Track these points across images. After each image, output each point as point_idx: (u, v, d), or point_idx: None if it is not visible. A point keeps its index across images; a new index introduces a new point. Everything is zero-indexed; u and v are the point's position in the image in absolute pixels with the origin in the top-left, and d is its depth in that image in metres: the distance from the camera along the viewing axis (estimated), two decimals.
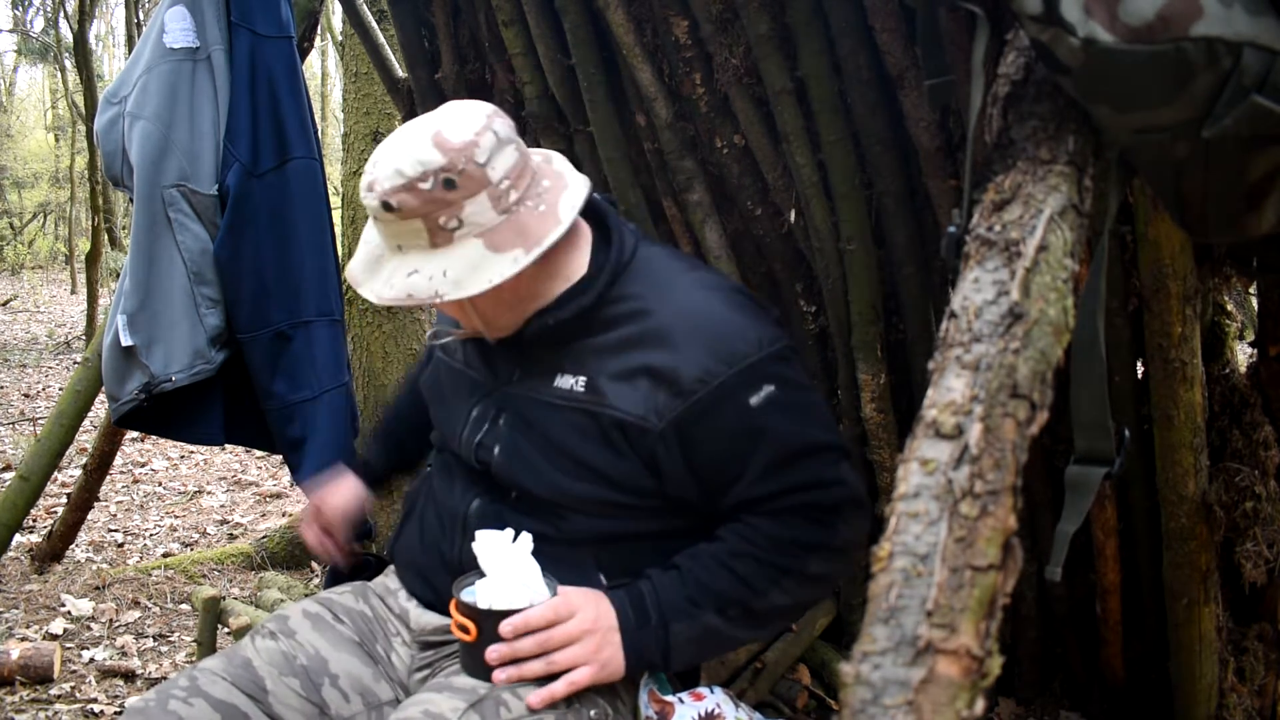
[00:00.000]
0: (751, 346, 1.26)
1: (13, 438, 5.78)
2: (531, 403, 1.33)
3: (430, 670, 1.38)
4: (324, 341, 2.30)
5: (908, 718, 0.56)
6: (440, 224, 1.21)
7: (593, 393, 1.28)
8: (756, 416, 1.24)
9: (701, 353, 1.24)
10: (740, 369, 1.24)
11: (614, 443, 1.27)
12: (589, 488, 1.29)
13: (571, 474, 1.29)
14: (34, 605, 3.05)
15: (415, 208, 1.20)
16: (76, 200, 14.47)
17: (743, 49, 1.86)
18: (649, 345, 1.27)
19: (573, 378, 1.30)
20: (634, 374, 1.26)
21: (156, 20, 2.22)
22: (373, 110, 3.98)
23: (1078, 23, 0.84)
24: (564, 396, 1.30)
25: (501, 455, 1.33)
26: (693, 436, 1.25)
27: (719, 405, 1.24)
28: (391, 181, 1.19)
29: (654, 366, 1.25)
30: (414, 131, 1.22)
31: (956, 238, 0.91)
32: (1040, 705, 2.04)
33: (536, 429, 1.31)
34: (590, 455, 1.28)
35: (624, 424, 1.26)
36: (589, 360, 1.30)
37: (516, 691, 1.23)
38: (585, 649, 1.23)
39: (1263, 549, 1.63)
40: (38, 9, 12.20)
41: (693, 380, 1.23)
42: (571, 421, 1.29)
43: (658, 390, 1.24)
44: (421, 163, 1.19)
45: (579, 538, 1.32)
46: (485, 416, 1.37)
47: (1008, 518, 0.65)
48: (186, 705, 1.24)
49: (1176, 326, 1.52)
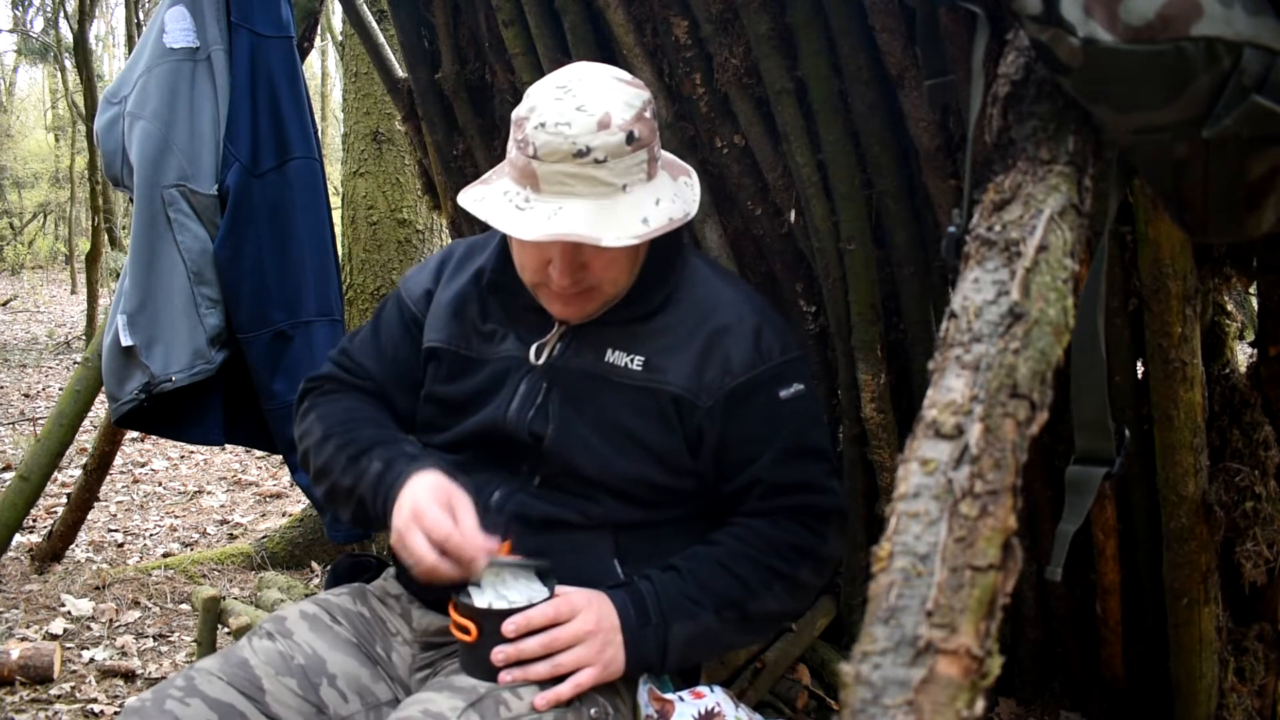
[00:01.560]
0: (790, 347, 1.40)
1: (13, 438, 5.78)
2: (582, 377, 1.37)
3: (432, 670, 1.38)
4: (324, 341, 2.30)
5: (908, 718, 0.56)
6: (655, 154, 1.31)
7: (650, 371, 1.35)
8: (783, 408, 1.36)
9: (750, 342, 1.36)
10: (779, 363, 1.37)
11: (668, 419, 1.34)
12: (638, 466, 1.34)
13: (624, 451, 1.34)
14: (34, 605, 3.05)
15: (646, 136, 1.27)
16: (76, 200, 14.47)
17: (743, 49, 1.86)
18: (702, 330, 1.36)
19: (626, 355, 1.36)
20: (693, 355, 1.35)
21: (156, 20, 2.22)
22: (373, 110, 3.98)
23: (1078, 23, 0.84)
24: (619, 373, 1.35)
25: (556, 431, 1.35)
26: (731, 415, 1.34)
27: (758, 390, 1.35)
28: (623, 115, 1.24)
29: (711, 350, 1.35)
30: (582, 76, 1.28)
31: (956, 238, 0.91)
32: (1040, 705, 2.04)
33: (591, 405, 1.36)
34: (644, 432, 1.34)
35: (679, 399, 1.33)
36: (643, 341, 1.36)
37: (516, 691, 1.23)
38: (589, 650, 1.24)
39: (1263, 549, 1.63)
40: (38, 9, 12.20)
41: (742, 364, 1.35)
42: (628, 399, 1.35)
43: (709, 369, 1.34)
44: (632, 97, 1.27)
45: (601, 523, 1.35)
46: (535, 392, 1.37)
47: (1008, 518, 0.65)
48: (183, 705, 1.23)
49: (1176, 326, 1.52)
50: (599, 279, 1.32)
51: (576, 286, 1.32)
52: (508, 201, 1.28)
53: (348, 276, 3.95)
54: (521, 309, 1.42)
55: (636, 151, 1.26)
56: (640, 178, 1.28)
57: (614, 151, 1.24)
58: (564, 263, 1.29)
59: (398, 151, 3.97)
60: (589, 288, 1.33)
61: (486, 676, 1.23)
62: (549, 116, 1.23)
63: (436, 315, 1.48)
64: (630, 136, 1.25)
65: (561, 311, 1.37)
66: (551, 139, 1.22)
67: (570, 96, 1.24)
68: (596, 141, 1.23)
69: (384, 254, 3.97)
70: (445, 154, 2.43)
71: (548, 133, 1.23)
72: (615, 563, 1.35)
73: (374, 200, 3.97)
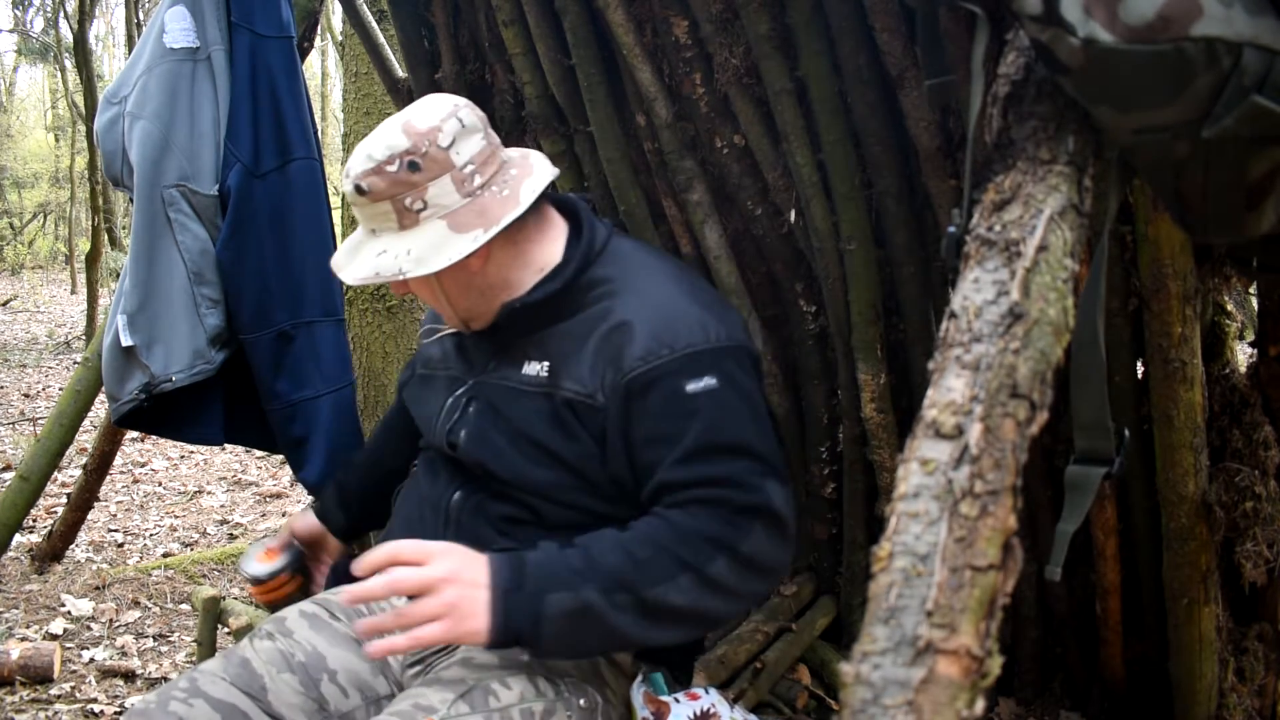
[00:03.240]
0: (698, 336, 1.28)
1: (13, 438, 5.78)
2: (500, 389, 1.39)
3: (423, 665, 1.39)
4: (327, 341, 2.30)
5: (908, 718, 0.56)
6: (406, 205, 1.30)
7: (553, 376, 1.33)
8: (689, 402, 1.25)
9: (648, 335, 1.28)
10: (681, 355, 1.27)
11: (566, 423, 1.31)
12: (547, 473, 1.32)
13: (531, 458, 1.33)
14: (34, 605, 3.05)
15: (383, 190, 1.29)
16: (76, 200, 14.47)
17: (743, 49, 1.86)
18: (606, 329, 1.31)
19: (538, 364, 1.36)
20: (588, 355, 1.31)
21: (156, 20, 2.22)
22: (373, 110, 3.98)
23: (1078, 23, 0.84)
24: (529, 382, 1.36)
25: (467, 440, 1.39)
26: (630, 413, 1.27)
27: (655, 385, 1.26)
28: (362, 166, 1.30)
29: (605, 347, 1.30)
30: (388, 122, 1.32)
31: (956, 238, 0.91)
32: (1040, 705, 2.04)
33: (503, 415, 1.37)
34: (547, 438, 1.32)
35: (574, 403, 1.31)
36: (553, 346, 1.35)
37: (505, 680, 1.23)
38: (441, 601, 1.13)
39: (1263, 549, 1.63)
40: (38, 9, 12.20)
41: (634, 359, 1.27)
42: (533, 406, 1.34)
43: (606, 368, 1.29)
44: (389, 147, 1.29)
45: (556, 524, 1.34)
46: (457, 405, 1.43)
47: (1008, 518, 0.65)
48: (186, 706, 1.24)
49: (1176, 326, 1.52)
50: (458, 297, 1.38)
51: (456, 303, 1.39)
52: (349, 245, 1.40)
53: None
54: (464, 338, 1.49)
55: (427, 172, 1.29)
56: (442, 195, 1.30)
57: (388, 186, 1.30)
58: (426, 293, 1.39)
59: None
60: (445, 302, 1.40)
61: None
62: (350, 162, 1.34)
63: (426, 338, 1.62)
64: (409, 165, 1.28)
65: (460, 327, 1.45)
66: (346, 185, 1.33)
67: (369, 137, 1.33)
68: (366, 182, 1.31)
69: None
70: None
71: (347, 179, 1.33)
72: None
73: None
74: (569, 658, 1.29)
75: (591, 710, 1.28)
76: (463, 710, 1.19)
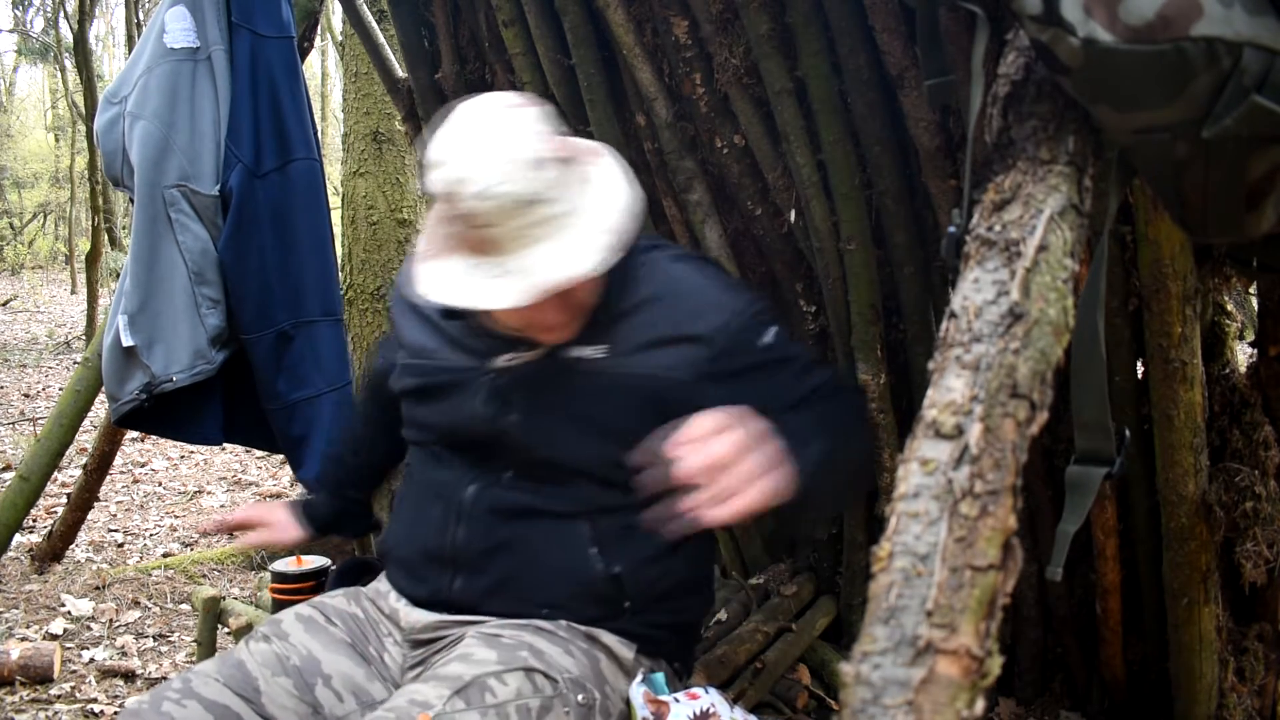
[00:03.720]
0: (747, 299, 1.41)
1: (13, 438, 5.78)
2: (548, 371, 1.38)
3: (423, 666, 1.39)
4: (327, 341, 2.31)
5: (908, 718, 0.56)
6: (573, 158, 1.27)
7: (615, 357, 1.36)
8: (770, 351, 1.38)
9: (712, 308, 1.37)
10: (747, 318, 1.38)
11: (634, 402, 1.34)
12: (608, 449, 1.34)
13: (590, 435, 1.35)
14: (34, 605, 3.05)
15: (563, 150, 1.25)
16: (76, 200, 14.47)
17: (743, 49, 1.86)
18: (660, 309, 1.37)
19: (588, 347, 1.37)
20: (656, 335, 1.36)
21: (156, 20, 2.22)
22: (373, 110, 3.98)
23: (1078, 23, 0.84)
24: (584, 364, 1.36)
25: (521, 425, 1.37)
26: (726, 379, 1.34)
27: (740, 348, 1.36)
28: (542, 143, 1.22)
29: (672, 326, 1.36)
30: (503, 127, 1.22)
31: (956, 238, 0.91)
32: (1040, 705, 2.04)
33: (555, 397, 1.37)
34: (611, 416, 1.35)
35: (654, 379, 1.34)
36: (601, 329, 1.37)
37: (502, 678, 1.23)
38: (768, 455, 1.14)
39: (1263, 549, 1.63)
40: (38, 9, 12.20)
41: (712, 330, 1.35)
42: (593, 386, 1.36)
43: (680, 346, 1.35)
44: (536, 115, 1.24)
45: (576, 510, 1.36)
46: (500, 389, 1.40)
47: (1008, 518, 0.65)
48: (179, 707, 1.24)
49: (1176, 326, 1.52)
50: (582, 298, 1.34)
51: (571, 315, 1.34)
52: (478, 277, 1.25)
53: (348, 276, 3.96)
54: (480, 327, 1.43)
55: (568, 170, 1.25)
56: (578, 190, 1.27)
57: (554, 183, 1.22)
58: (554, 305, 1.29)
59: (398, 151, 3.97)
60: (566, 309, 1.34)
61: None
62: (481, 181, 1.19)
63: (403, 319, 1.54)
64: (558, 161, 1.23)
65: (554, 338, 1.37)
66: (497, 203, 1.19)
67: (490, 153, 1.20)
68: (539, 184, 1.20)
69: (384, 254, 3.97)
70: None
71: (490, 198, 1.19)
72: (594, 550, 1.36)
73: (374, 200, 3.97)
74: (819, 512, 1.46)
75: (589, 707, 1.28)
76: (459, 706, 1.18)
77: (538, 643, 1.30)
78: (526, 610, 1.36)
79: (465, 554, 1.38)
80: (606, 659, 1.36)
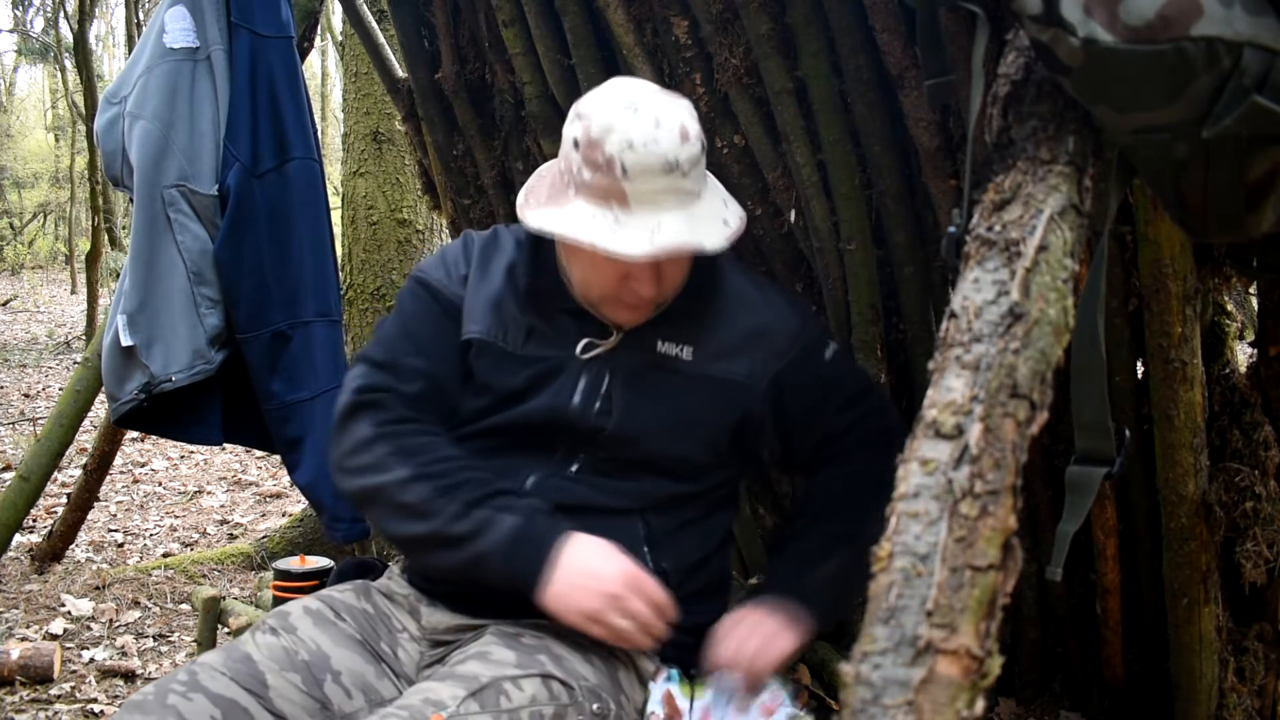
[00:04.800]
0: (811, 315, 1.56)
1: (13, 438, 5.78)
2: (642, 368, 1.43)
3: (440, 665, 1.38)
4: (323, 342, 2.30)
5: (908, 718, 0.56)
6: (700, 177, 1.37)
7: (701, 359, 1.43)
8: (830, 367, 1.49)
9: (785, 321, 1.48)
10: (813, 331, 1.51)
11: (719, 403, 1.42)
12: (689, 447, 1.42)
13: (679, 434, 1.41)
14: (34, 605, 3.05)
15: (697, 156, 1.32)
16: (76, 200, 14.47)
17: (743, 49, 1.86)
18: (742, 317, 1.46)
19: (676, 346, 1.43)
20: (735, 341, 1.44)
21: (156, 20, 2.22)
22: (373, 110, 3.98)
23: (1078, 23, 0.84)
24: (669, 363, 1.43)
25: (620, 418, 1.40)
26: (786, 388, 1.45)
27: (806, 360, 1.47)
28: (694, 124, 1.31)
29: (752, 334, 1.45)
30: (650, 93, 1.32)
31: (956, 238, 0.91)
32: (1040, 705, 2.04)
33: (651, 392, 1.42)
34: (698, 415, 1.42)
35: (725, 383, 1.42)
36: (688, 332, 1.44)
37: (518, 681, 1.23)
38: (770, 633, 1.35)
39: (1263, 549, 1.63)
40: (38, 9, 12.20)
41: (786, 341, 1.46)
42: (684, 385, 1.42)
43: (757, 352, 1.44)
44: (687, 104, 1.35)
45: (631, 506, 1.40)
46: (597, 383, 1.42)
47: (1008, 518, 0.65)
48: (185, 700, 1.22)
49: (1176, 326, 1.52)
50: (671, 284, 1.40)
51: (661, 295, 1.38)
52: (598, 223, 1.28)
53: (348, 276, 3.96)
54: (557, 312, 1.45)
55: (703, 159, 1.34)
56: (705, 182, 1.37)
57: (694, 161, 1.30)
58: (651, 275, 1.34)
59: (398, 151, 3.97)
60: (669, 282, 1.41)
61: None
62: (634, 136, 1.25)
63: (474, 306, 1.46)
64: (702, 145, 1.32)
65: (629, 319, 1.42)
66: (643, 158, 1.25)
67: (644, 113, 1.27)
68: (683, 155, 1.28)
69: (384, 254, 3.97)
70: (445, 154, 2.43)
71: (637, 152, 1.25)
72: (645, 549, 1.39)
73: (374, 200, 3.98)
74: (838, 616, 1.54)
75: (604, 717, 1.26)
76: (473, 709, 1.18)
77: (556, 648, 1.29)
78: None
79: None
80: (625, 669, 1.35)
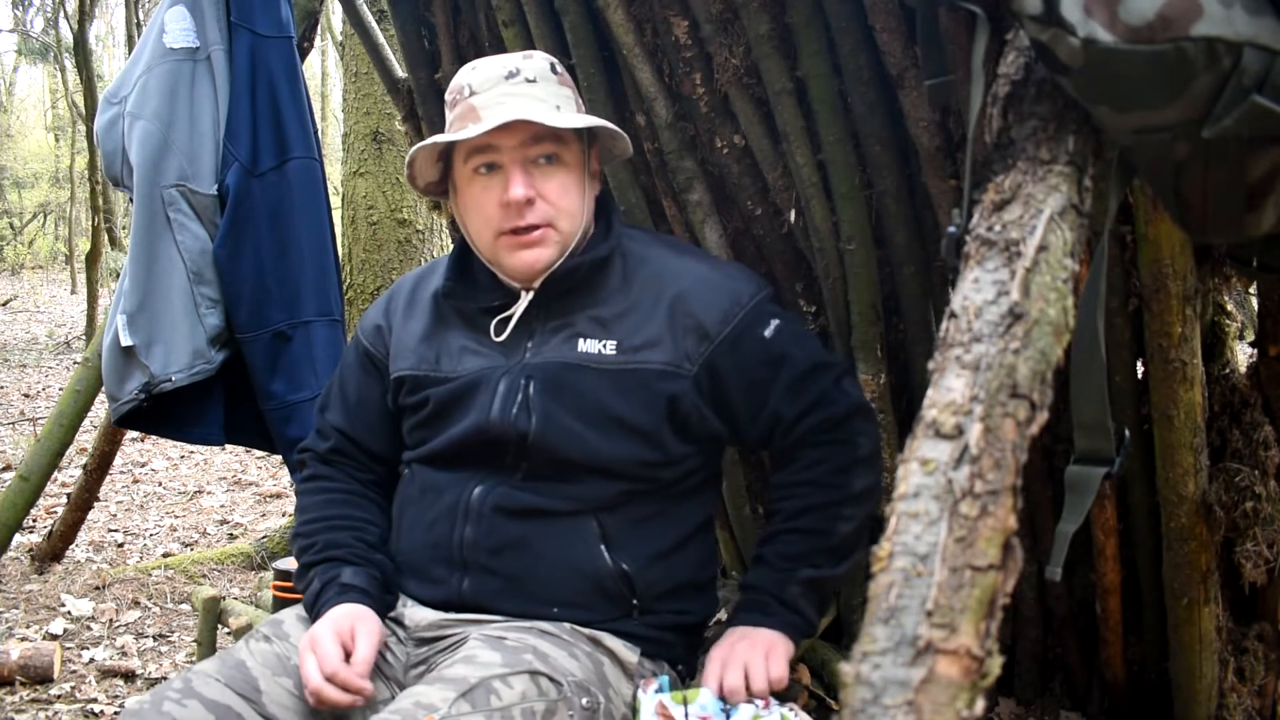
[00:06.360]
0: (751, 290, 1.45)
1: (13, 438, 5.79)
2: (560, 369, 1.40)
3: (426, 666, 1.38)
4: (323, 341, 2.30)
5: (908, 718, 0.56)
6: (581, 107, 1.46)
7: (624, 352, 1.39)
8: (771, 346, 1.42)
9: (715, 300, 1.42)
10: (749, 309, 1.43)
11: (649, 396, 1.38)
12: (623, 446, 1.38)
13: (607, 433, 1.37)
14: (34, 605, 3.05)
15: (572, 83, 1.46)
16: (76, 200, 14.48)
17: (743, 49, 1.86)
18: (664, 300, 1.41)
19: (598, 343, 1.40)
20: (658, 328, 1.40)
21: (156, 20, 2.22)
22: (373, 110, 3.99)
23: (1078, 23, 0.84)
24: (593, 359, 1.39)
25: (540, 424, 1.38)
26: (722, 372, 1.40)
27: (741, 341, 1.41)
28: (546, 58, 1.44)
29: (677, 315, 1.40)
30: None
31: (956, 238, 0.91)
32: (1040, 705, 2.04)
33: (569, 393, 1.38)
34: (626, 412, 1.38)
35: (658, 374, 1.38)
36: (609, 326, 1.41)
37: (507, 680, 1.23)
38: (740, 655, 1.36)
39: (1263, 549, 1.63)
40: (38, 9, 12.21)
41: (715, 324, 1.40)
42: (607, 382, 1.38)
43: (685, 338, 1.39)
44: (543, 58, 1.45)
45: (583, 507, 1.38)
46: (514, 389, 1.40)
47: (1008, 518, 0.65)
48: (180, 706, 1.24)
49: (1176, 326, 1.52)
50: (553, 208, 1.39)
51: (534, 208, 1.37)
52: (454, 132, 1.39)
53: (348, 276, 3.96)
54: (478, 314, 1.46)
55: (564, 86, 1.41)
56: (571, 107, 1.41)
57: (542, 74, 1.39)
58: (520, 177, 1.36)
59: (398, 151, 3.98)
60: (545, 224, 1.39)
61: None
62: (477, 64, 1.41)
63: (402, 346, 1.51)
64: (554, 68, 1.41)
65: (528, 260, 1.40)
66: (483, 70, 1.38)
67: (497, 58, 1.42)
68: (525, 65, 1.38)
69: (384, 254, 3.97)
70: None
71: (478, 69, 1.39)
72: (602, 548, 1.37)
73: (374, 200, 3.98)
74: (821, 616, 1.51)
75: (594, 711, 1.27)
76: (464, 709, 1.18)
77: (541, 645, 1.30)
78: (536, 609, 1.36)
79: (473, 553, 1.38)
80: (610, 662, 1.36)
